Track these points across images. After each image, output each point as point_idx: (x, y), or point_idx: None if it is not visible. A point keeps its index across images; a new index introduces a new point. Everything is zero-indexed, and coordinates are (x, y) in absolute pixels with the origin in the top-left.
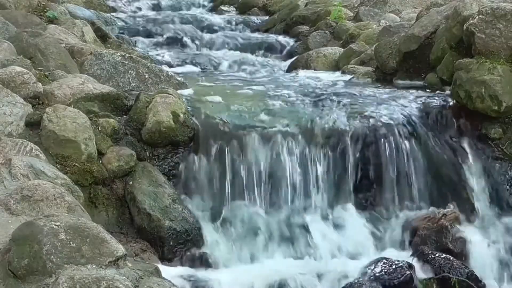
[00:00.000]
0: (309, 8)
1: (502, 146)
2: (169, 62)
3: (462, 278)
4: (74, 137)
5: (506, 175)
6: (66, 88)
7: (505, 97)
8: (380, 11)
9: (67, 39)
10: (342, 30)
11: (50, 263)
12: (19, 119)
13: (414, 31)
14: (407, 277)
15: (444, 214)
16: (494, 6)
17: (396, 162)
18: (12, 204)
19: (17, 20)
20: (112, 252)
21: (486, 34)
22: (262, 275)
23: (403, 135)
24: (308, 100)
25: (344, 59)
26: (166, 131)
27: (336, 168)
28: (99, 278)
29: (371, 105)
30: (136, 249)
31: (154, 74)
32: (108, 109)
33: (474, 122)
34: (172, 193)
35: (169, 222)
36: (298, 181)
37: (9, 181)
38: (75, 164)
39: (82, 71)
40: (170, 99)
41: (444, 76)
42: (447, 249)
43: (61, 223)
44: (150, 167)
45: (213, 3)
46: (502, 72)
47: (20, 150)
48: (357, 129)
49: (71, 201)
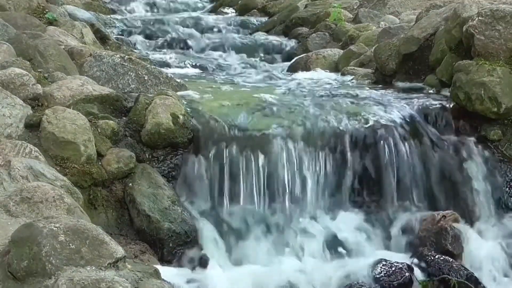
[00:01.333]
0: (308, 10)
1: (501, 148)
2: (169, 63)
3: (462, 280)
4: (74, 138)
5: (506, 177)
6: (66, 90)
7: (505, 99)
8: (379, 13)
9: (66, 40)
10: (341, 31)
11: (50, 264)
12: (19, 120)
13: (414, 33)
14: (407, 279)
15: (444, 216)
16: (493, 8)
17: (395, 164)
18: (12, 206)
19: (16, 22)
20: (111, 253)
21: (485, 36)
22: (262, 276)
23: (402, 137)
24: (307, 102)
25: (343, 60)
26: (166, 132)
27: (335, 170)
28: (98, 280)
29: (370, 106)
30: (135, 250)
31: (153, 75)
32: (108, 110)
33: (473, 124)
34: (171, 195)
35: (169, 224)
36: (297, 183)
37: (9, 182)
38: (75, 166)
39: (81, 72)
40: (169, 100)
41: (444, 77)
42: (447, 250)
43: (60, 225)
44: (150, 169)
45: (212, 4)
46: (501, 74)
47: (19, 151)
48: (356, 131)
49: (70, 203)
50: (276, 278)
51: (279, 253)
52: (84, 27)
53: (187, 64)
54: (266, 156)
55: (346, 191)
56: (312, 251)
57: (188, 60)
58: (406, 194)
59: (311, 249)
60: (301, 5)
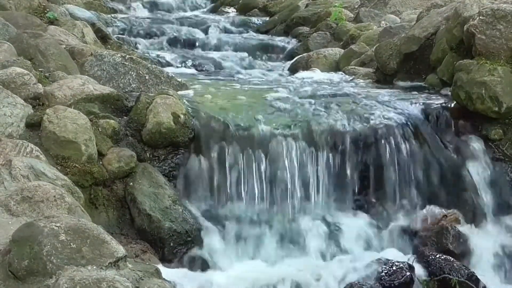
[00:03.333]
0: (309, 9)
1: (502, 147)
2: (170, 63)
3: (463, 279)
4: (75, 138)
5: (507, 176)
6: (67, 89)
7: (506, 98)
8: (380, 12)
9: (67, 40)
10: (342, 31)
11: (51, 264)
12: (20, 120)
13: (415, 32)
14: (408, 278)
15: (445, 215)
16: (494, 7)
17: (397, 163)
18: (13, 205)
19: (17, 21)
20: (112, 253)
21: (486, 35)
22: (262, 275)
23: (404, 136)
24: (308, 101)
25: (344, 60)
26: (167, 132)
27: (336, 169)
28: (99, 279)
29: (371, 106)
30: (136, 250)
31: (154, 75)
32: (109, 110)
33: (474, 123)
34: (172, 194)
35: (170, 223)
36: (298, 182)
37: (10, 182)
38: (76, 165)
39: (82, 72)
40: (170, 100)
41: (445, 77)
42: (448, 250)
43: (61, 224)
44: (151, 168)
45: (213, 4)
46: (502, 73)
47: (20, 151)
48: (357, 130)
49: (71, 202)
50: (277, 277)
51: (280, 253)
52: (85, 27)
53: (188, 64)
54: (267, 155)
55: (347, 191)
56: (313, 250)
57: (189, 60)
58: (407, 193)
59: (312, 248)
60: (302, 5)
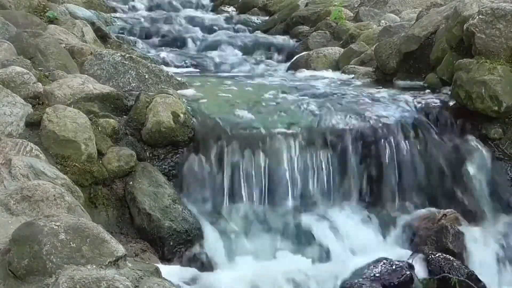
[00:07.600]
0: (309, 8)
1: (502, 147)
2: (169, 62)
3: (462, 278)
4: (74, 137)
5: (507, 176)
6: (66, 88)
7: (505, 98)
8: (380, 12)
9: (67, 39)
10: (342, 30)
11: (50, 263)
12: (19, 119)
13: (414, 32)
14: (407, 277)
15: (444, 214)
16: (494, 6)
17: (396, 162)
18: (12, 204)
19: (17, 20)
20: (112, 252)
21: (486, 34)
22: (262, 274)
23: (403, 136)
24: (308, 100)
25: (344, 59)
26: (166, 131)
27: (336, 168)
28: (99, 278)
29: (371, 105)
30: (136, 249)
31: (154, 74)
32: (108, 109)
33: (474, 123)
34: (172, 193)
35: (169, 222)
36: (298, 181)
37: (9, 181)
38: (75, 164)
39: (82, 71)
40: (170, 99)
41: (444, 76)
42: (447, 249)
43: (61, 223)
44: (150, 167)
45: (213, 3)
46: (502, 73)
47: (20, 150)
48: (357, 130)
49: (71, 201)
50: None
51: (280, 252)
52: (85, 26)
53: (188, 63)
54: (267, 155)
55: (347, 190)
56: (313, 250)
57: (188, 59)
58: (407, 192)
59: (312, 248)
60: (301, 4)
